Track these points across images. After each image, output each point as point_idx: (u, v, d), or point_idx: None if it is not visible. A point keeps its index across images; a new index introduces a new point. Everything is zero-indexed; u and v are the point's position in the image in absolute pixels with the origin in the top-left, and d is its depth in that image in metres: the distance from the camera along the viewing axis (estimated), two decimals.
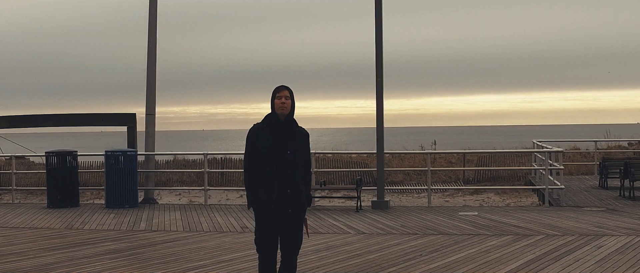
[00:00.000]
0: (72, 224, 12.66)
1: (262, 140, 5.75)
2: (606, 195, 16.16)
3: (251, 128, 5.85)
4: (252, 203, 5.81)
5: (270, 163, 5.70)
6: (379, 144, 14.69)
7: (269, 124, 5.78)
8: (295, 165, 5.75)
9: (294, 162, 5.74)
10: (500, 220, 12.22)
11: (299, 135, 5.85)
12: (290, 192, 5.74)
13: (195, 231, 11.69)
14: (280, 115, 5.78)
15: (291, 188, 5.74)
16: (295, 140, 5.78)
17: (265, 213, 5.77)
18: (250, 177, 5.81)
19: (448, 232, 11.07)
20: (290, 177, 5.73)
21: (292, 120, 5.83)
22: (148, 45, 16.91)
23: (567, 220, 12.18)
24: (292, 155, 5.73)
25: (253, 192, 5.79)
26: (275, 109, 5.77)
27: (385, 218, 12.78)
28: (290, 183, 5.73)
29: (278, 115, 5.78)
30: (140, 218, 13.27)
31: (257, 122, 5.86)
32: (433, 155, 23.64)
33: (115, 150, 15.58)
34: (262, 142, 5.75)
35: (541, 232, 10.82)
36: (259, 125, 5.83)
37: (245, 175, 5.86)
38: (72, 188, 15.56)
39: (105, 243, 10.41)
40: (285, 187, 5.72)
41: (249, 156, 5.82)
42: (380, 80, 14.42)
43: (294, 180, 5.76)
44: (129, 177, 15.27)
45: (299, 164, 5.80)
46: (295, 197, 5.78)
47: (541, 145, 19.54)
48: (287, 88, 5.83)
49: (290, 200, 5.76)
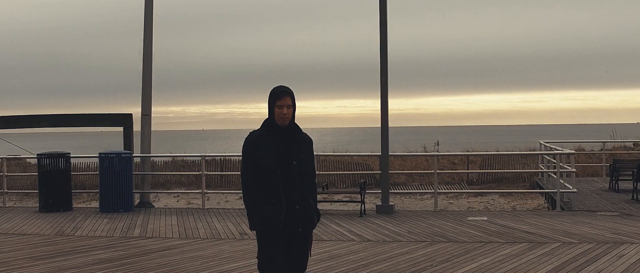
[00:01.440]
0: (63, 230, 12.10)
1: (264, 150, 4.98)
2: (618, 199, 15.61)
3: (248, 136, 5.08)
4: (256, 223, 4.98)
5: (275, 176, 4.94)
6: (383, 146, 14.13)
7: (269, 131, 5.03)
8: (302, 177, 5.02)
9: (301, 173, 5.00)
10: (512, 226, 11.66)
11: (303, 142, 5.11)
12: (299, 208, 4.98)
13: (192, 238, 11.13)
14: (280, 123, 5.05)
15: (300, 204, 4.98)
16: (301, 149, 5.06)
17: (271, 234, 4.97)
18: (251, 194, 5.01)
19: (458, 239, 10.51)
20: (299, 191, 4.98)
21: (295, 126, 5.09)
22: (143, 45, 16.37)
23: (581, 225, 11.62)
24: (299, 166, 4.99)
25: (256, 211, 4.98)
26: (276, 118, 5.00)
27: (390, 224, 12.22)
28: (298, 199, 4.97)
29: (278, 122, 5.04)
30: (134, 224, 12.70)
31: (255, 130, 5.10)
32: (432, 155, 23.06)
33: (110, 152, 15.02)
34: (263, 152, 4.97)
35: (556, 239, 10.26)
36: (257, 133, 5.06)
37: (245, 192, 5.04)
38: (64, 191, 14.99)
39: (96, 252, 9.85)
40: (293, 202, 4.96)
41: (247, 170, 5.02)
42: (384, 79, 13.85)
43: (302, 195, 5.01)
44: (124, 180, 14.71)
45: (306, 176, 5.06)
46: (304, 214, 5.03)
47: (550, 147, 18.94)
48: (290, 93, 5.02)
49: (300, 217, 4.99)
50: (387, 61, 13.93)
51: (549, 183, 18.47)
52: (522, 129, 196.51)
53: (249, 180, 5.02)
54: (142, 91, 16.27)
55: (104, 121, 20.06)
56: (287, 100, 4.98)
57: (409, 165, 27.90)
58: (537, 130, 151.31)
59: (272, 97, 5.01)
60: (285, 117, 4.97)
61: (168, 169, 27.56)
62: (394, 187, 22.78)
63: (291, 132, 5.05)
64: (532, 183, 24.04)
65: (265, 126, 5.05)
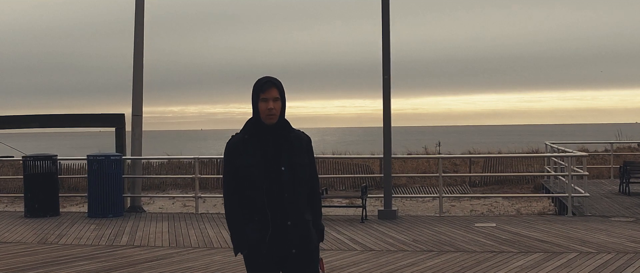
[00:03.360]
0: (47, 238, 11.39)
1: (246, 158, 4.05)
2: (631, 203, 14.92)
3: (229, 141, 4.15)
4: (240, 247, 4.11)
5: (260, 188, 4.03)
6: (386, 148, 13.44)
7: (252, 133, 4.10)
8: (295, 187, 4.06)
9: (293, 181, 4.05)
10: (523, 234, 10.97)
11: (297, 142, 4.14)
12: (291, 225, 4.03)
13: (183, 247, 10.42)
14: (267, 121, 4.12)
15: (292, 220, 4.04)
16: (293, 151, 4.09)
17: (257, 260, 4.07)
18: (232, 211, 4.13)
19: (467, 248, 9.81)
20: (290, 203, 4.03)
21: (285, 123, 4.13)
22: (134, 44, 15.70)
23: (596, 233, 10.94)
24: (291, 173, 4.04)
25: (239, 232, 4.09)
26: (261, 115, 4.06)
27: (394, 231, 11.52)
28: (290, 213, 4.04)
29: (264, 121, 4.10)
30: (123, 231, 12.00)
31: (237, 132, 4.19)
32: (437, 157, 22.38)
33: (98, 155, 14.32)
34: (245, 159, 4.05)
35: (572, 249, 9.57)
36: (238, 137, 4.13)
37: (226, 207, 4.16)
38: (51, 195, 14.28)
39: (78, 263, 9.15)
40: (283, 218, 4.03)
41: (229, 181, 4.12)
42: (387, 78, 13.15)
43: (295, 208, 4.06)
44: (113, 183, 14.01)
45: (301, 184, 4.10)
46: (298, 232, 4.07)
47: (560, 149, 18.22)
48: (276, 84, 4.09)
49: (292, 236, 4.05)
50: (389, 59, 13.24)
51: (557, 186, 17.79)
52: (521, 128, 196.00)
53: (230, 195, 4.13)
54: (132, 91, 15.59)
55: (95, 121, 19.32)
56: (273, 92, 4.04)
57: (410, 166, 27.21)
58: (536, 130, 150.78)
59: (255, 90, 4.09)
60: (272, 113, 4.04)
61: (164, 171, 26.87)
62: (395, 189, 22.08)
63: (280, 131, 4.11)
64: (536, 185, 23.40)
65: (248, 127, 4.12)
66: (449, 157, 26.42)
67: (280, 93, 4.08)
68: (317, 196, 4.32)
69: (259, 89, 4.06)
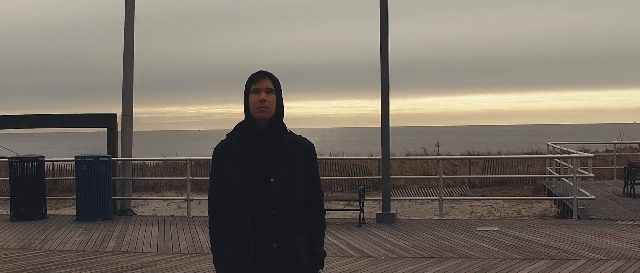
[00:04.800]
0: (31, 243, 10.90)
1: (231, 167, 3.43)
2: (637, 205, 14.49)
3: (216, 146, 3.57)
4: (219, 268, 3.52)
5: (243, 203, 3.39)
6: (384, 149, 12.97)
7: (241, 137, 3.47)
8: (286, 203, 3.39)
9: (284, 196, 3.38)
10: (527, 238, 10.50)
11: (294, 149, 3.48)
12: (276, 247, 3.37)
13: (171, 252, 9.94)
14: (259, 119, 3.45)
15: (279, 241, 3.37)
16: (287, 160, 3.43)
17: None
18: (215, 229, 3.54)
19: (469, 254, 9.34)
20: (278, 222, 3.37)
21: (281, 127, 3.49)
22: (124, 43, 15.23)
23: (604, 237, 10.47)
24: (281, 185, 3.38)
25: (219, 254, 3.51)
26: (251, 109, 3.44)
27: (392, 236, 11.05)
28: (277, 234, 3.37)
29: (256, 120, 3.46)
30: (110, 236, 11.51)
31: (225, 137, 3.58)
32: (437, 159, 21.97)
33: (87, 156, 13.84)
34: (231, 167, 3.43)
35: (580, 255, 9.10)
36: (225, 142, 3.52)
37: (209, 221, 3.59)
38: (38, 198, 13.78)
39: (60, 270, 8.67)
40: (268, 240, 3.36)
41: (213, 193, 3.55)
42: (385, 76, 12.68)
43: (283, 228, 3.39)
44: (102, 185, 13.52)
45: (294, 199, 3.43)
46: (285, 257, 3.39)
47: (563, 150, 17.74)
48: (270, 75, 3.50)
49: (278, 261, 3.38)
50: (387, 56, 12.76)
51: (559, 188, 17.33)
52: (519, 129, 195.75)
53: (213, 209, 3.55)
54: (122, 90, 15.11)
55: (86, 122, 18.81)
56: (266, 83, 3.44)
57: (408, 167, 26.74)
58: (534, 130, 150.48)
59: (247, 83, 3.49)
60: (264, 106, 3.40)
61: (159, 171, 26.39)
62: (393, 190, 21.62)
63: (274, 135, 3.45)
64: (537, 186, 22.95)
65: (237, 131, 3.50)
66: (450, 158, 25.94)
67: (275, 86, 3.47)
68: (319, 216, 3.60)
69: (251, 80, 3.47)
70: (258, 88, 3.43)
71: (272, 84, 3.46)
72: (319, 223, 3.59)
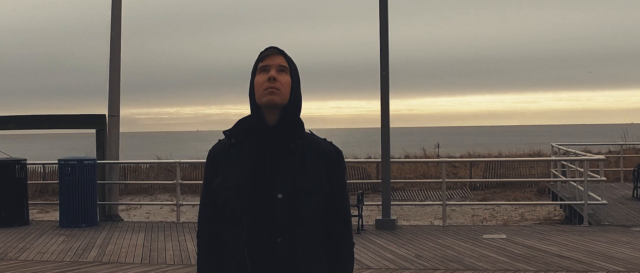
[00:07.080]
0: (7, 252, 10.20)
1: (228, 173, 2.58)
2: None
3: (211, 148, 2.73)
4: None
5: (240, 225, 2.53)
6: (384, 152, 12.29)
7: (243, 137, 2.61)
8: (295, 227, 2.53)
9: (294, 217, 2.52)
10: (538, 247, 9.82)
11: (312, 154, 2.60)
12: None
13: (156, 264, 9.25)
14: (267, 110, 2.56)
15: None
16: (302, 169, 2.56)
17: None
18: (203, 251, 2.69)
19: (477, 265, 8.66)
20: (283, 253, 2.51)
21: (295, 120, 2.61)
22: (111, 39, 14.55)
23: (619, 246, 9.80)
24: (290, 203, 2.51)
25: None
26: (257, 95, 2.57)
27: (394, 244, 10.36)
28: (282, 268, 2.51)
29: (264, 111, 2.58)
30: (93, 244, 10.81)
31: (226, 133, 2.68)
32: (440, 161, 21.27)
33: (70, 158, 13.15)
34: (226, 176, 2.59)
35: (596, 266, 8.43)
36: (223, 143, 2.66)
37: (198, 237, 2.73)
38: (19, 203, 13.08)
39: None
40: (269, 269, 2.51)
41: (203, 207, 2.71)
42: (385, 74, 12.00)
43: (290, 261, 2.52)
44: (87, 190, 12.82)
45: (308, 223, 2.55)
46: None
47: (570, 151, 17.05)
48: (283, 52, 2.63)
49: None
50: (387, 54, 12.08)
51: (565, 191, 16.65)
52: (518, 129, 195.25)
53: (203, 230, 2.69)
54: (109, 90, 14.43)
55: (74, 123, 18.13)
56: (278, 59, 2.58)
57: (407, 168, 26.07)
58: (533, 131, 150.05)
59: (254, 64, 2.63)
60: (274, 88, 2.53)
61: (152, 173, 25.71)
62: (393, 193, 20.96)
63: (284, 135, 2.57)
64: (540, 188, 22.30)
65: (238, 128, 2.63)
66: (452, 161, 25.28)
67: (290, 65, 2.61)
68: (343, 246, 2.66)
69: (259, 57, 2.63)
70: (267, 65, 2.57)
71: (286, 62, 2.61)
72: (344, 258, 2.66)
